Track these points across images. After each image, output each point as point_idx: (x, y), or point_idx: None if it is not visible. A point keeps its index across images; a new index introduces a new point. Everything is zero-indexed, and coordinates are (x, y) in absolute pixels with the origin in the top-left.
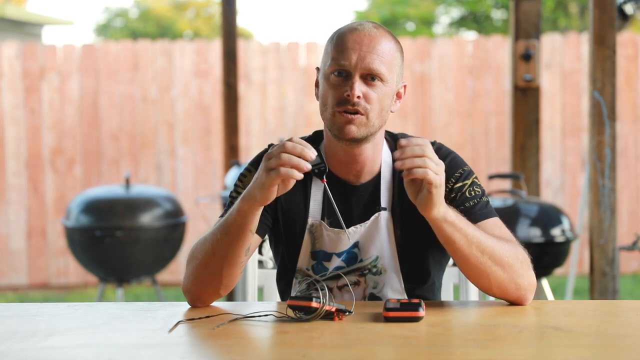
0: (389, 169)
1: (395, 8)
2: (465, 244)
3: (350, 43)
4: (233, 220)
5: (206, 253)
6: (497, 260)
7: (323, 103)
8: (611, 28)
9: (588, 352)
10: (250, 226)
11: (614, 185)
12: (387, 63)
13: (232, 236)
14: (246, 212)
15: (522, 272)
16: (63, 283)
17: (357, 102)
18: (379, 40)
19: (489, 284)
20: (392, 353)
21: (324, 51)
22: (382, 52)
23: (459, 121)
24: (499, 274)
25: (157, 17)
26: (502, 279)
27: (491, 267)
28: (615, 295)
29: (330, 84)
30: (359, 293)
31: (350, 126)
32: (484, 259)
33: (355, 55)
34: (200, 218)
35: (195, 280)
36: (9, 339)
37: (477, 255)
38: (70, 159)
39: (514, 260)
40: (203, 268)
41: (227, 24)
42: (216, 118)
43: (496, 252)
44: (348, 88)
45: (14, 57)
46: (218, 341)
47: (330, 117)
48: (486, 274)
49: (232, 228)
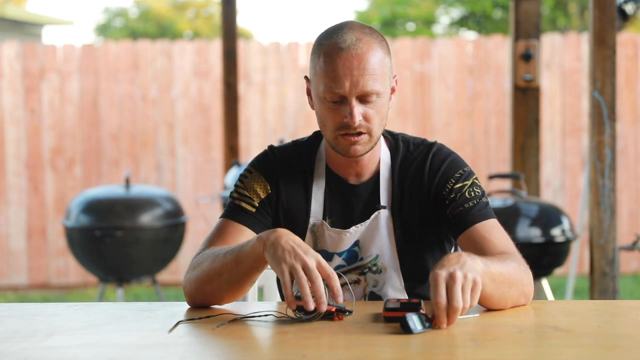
0: (387, 168)
1: (396, 8)
2: (492, 288)
3: (340, 69)
4: (247, 256)
5: (213, 270)
6: (511, 283)
7: (322, 123)
8: (611, 28)
9: (588, 352)
10: (262, 269)
11: (614, 185)
12: (380, 77)
13: (243, 268)
14: (263, 264)
15: (528, 282)
16: (63, 283)
17: (358, 125)
18: (367, 57)
19: (505, 305)
20: (392, 353)
21: (311, 65)
22: (373, 70)
23: (459, 121)
24: (513, 294)
25: (157, 17)
26: (515, 297)
27: (507, 291)
28: (615, 295)
29: (327, 108)
30: (359, 292)
31: (355, 147)
32: (503, 288)
33: (348, 82)
34: (200, 218)
35: (197, 290)
36: (9, 339)
37: (499, 288)
38: (70, 159)
39: (521, 274)
40: (207, 282)
41: (227, 24)
42: (216, 118)
43: (509, 276)
44: (347, 114)
45: (14, 57)
46: (218, 341)
47: (332, 140)
48: (504, 299)
49: (245, 262)
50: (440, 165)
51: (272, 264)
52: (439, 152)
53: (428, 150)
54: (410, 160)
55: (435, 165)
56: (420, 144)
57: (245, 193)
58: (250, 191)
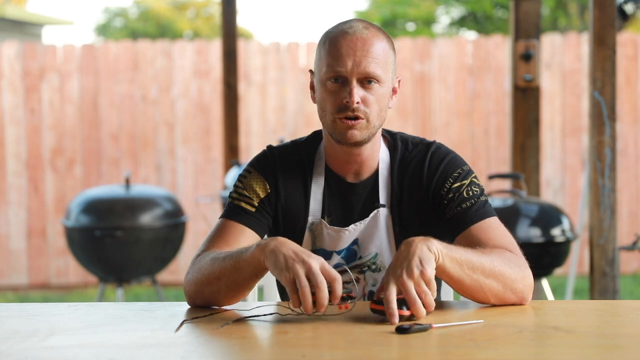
0: (387, 166)
1: (396, 8)
2: (459, 272)
3: (344, 49)
4: (247, 263)
5: (212, 274)
6: (488, 274)
7: (322, 108)
8: (611, 28)
9: (588, 352)
10: (261, 276)
11: (614, 185)
12: (382, 64)
13: (242, 275)
14: (262, 272)
15: (516, 277)
16: (63, 283)
17: (356, 107)
18: (372, 42)
19: (485, 297)
20: (392, 353)
21: (317, 55)
22: (377, 54)
23: (459, 121)
24: (493, 285)
25: (157, 17)
26: (496, 290)
27: (484, 281)
28: (615, 295)
29: (327, 91)
30: (359, 290)
31: (352, 131)
32: (476, 276)
33: (351, 61)
34: (200, 218)
35: (197, 292)
36: (9, 339)
37: (469, 274)
38: (70, 159)
39: (506, 267)
40: (206, 285)
41: (227, 24)
42: (216, 118)
43: (486, 266)
44: (347, 95)
45: (14, 57)
46: (218, 341)
47: (330, 123)
48: (481, 288)
49: (245, 269)
50: (438, 164)
51: (275, 272)
52: (438, 151)
53: (427, 149)
54: (409, 159)
55: (434, 164)
56: (419, 143)
57: (245, 193)
58: (249, 191)
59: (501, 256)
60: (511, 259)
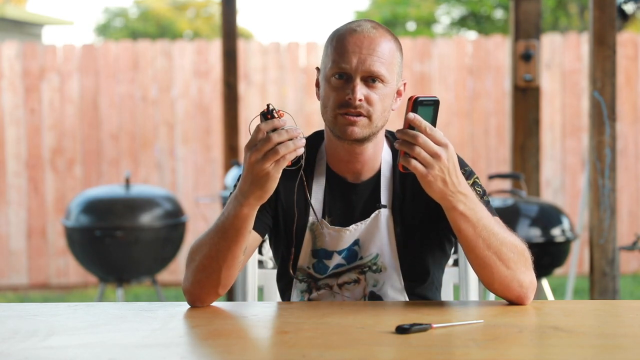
0: (389, 167)
1: (396, 8)
2: (473, 235)
3: (350, 46)
4: (231, 224)
5: (204, 255)
6: (502, 258)
7: (324, 104)
8: (611, 28)
9: (588, 352)
10: (249, 227)
11: (614, 185)
12: (388, 64)
13: (230, 239)
14: (246, 215)
15: (525, 270)
16: (63, 283)
17: (359, 105)
18: (379, 42)
19: (491, 279)
20: (392, 353)
21: (324, 52)
22: (382, 54)
23: (459, 121)
24: (502, 269)
25: (157, 17)
26: (504, 275)
27: (495, 262)
28: (615, 295)
29: (331, 87)
30: (359, 291)
31: (353, 128)
32: (489, 253)
33: (356, 58)
34: (200, 218)
35: (194, 282)
36: (9, 339)
37: (482, 248)
38: (70, 159)
39: (519, 257)
40: (202, 270)
41: (227, 24)
42: (216, 118)
43: (503, 250)
44: (350, 91)
45: (14, 57)
46: (218, 341)
47: (332, 119)
48: (489, 267)
49: (230, 231)
50: None
51: (246, 172)
52: None
53: None
54: None
55: None
56: None
57: None
58: None
59: (521, 246)
60: (528, 254)
